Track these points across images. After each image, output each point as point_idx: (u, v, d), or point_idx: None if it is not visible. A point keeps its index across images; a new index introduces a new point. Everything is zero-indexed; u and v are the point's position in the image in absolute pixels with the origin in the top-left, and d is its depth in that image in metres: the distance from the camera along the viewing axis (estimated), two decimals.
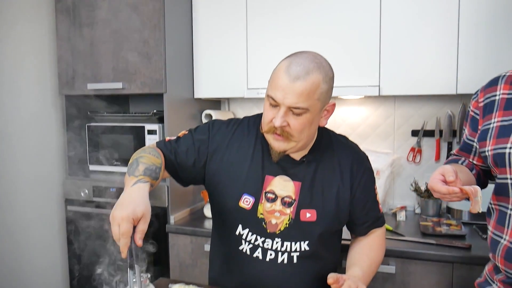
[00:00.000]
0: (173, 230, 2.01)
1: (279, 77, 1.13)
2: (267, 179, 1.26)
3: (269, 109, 1.17)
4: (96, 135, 2.28)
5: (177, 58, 2.09)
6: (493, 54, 1.79)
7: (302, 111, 1.13)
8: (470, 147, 1.30)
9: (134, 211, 0.99)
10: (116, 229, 0.97)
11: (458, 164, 1.31)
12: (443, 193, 1.05)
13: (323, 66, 1.15)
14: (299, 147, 1.23)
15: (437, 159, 2.20)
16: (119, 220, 0.97)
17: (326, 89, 1.16)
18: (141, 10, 1.99)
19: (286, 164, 1.27)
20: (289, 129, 1.16)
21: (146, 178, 1.13)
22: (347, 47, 1.97)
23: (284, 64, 1.14)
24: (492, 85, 1.23)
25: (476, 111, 1.27)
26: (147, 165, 1.17)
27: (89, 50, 2.11)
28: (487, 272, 1.25)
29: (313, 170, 1.27)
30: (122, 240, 0.97)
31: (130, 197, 1.05)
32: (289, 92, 1.11)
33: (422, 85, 1.88)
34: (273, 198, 1.25)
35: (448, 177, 1.04)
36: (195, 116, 2.31)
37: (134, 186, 1.09)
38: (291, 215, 1.24)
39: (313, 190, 1.26)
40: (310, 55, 1.16)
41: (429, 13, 1.85)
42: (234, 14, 2.14)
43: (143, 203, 1.04)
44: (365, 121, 2.32)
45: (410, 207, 2.24)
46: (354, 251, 1.35)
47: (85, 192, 2.19)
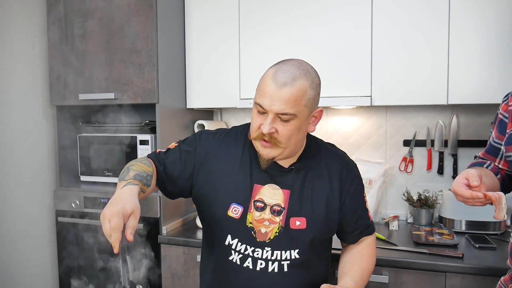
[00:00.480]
0: (165, 241, 1.99)
1: (266, 84, 1.14)
2: (255, 187, 1.26)
3: (257, 116, 1.18)
4: (88, 145, 2.26)
5: (170, 68, 2.10)
6: (483, 65, 1.81)
7: (289, 117, 1.14)
8: (497, 150, 1.28)
9: (124, 206, 1.02)
10: (107, 225, 0.99)
11: (482, 167, 1.28)
12: (466, 197, 1.03)
13: (309, 73, 1.17)
14: (287, 154, 1.23)
15: (429, 169, 2.21)
16: (109, 216, 0.99)
17: (313, 95, 1.17)
18: (133, 21, 1.99)
19: (275, 172, 1.27)
20: (277, 135, 1.17)
21: (135, 181, 1.16)
22: (339, 58, 1.99)
23: (271, 71, 1.16)
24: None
25: (506, 114, 1.25)
26: (138, 172, 1.20)
27: (81, 61, 2.10)
28: (502, 282, 1.24)
29: (302, 178, 1.28)
30: (113, 235, 0.98)
31: (119, 196, 1.08)
32: (276, 99, 1.12)
33: (413, 96, 1.90)
34: (262, 207, 1.25)
35: (472, 181, 1.03)
36: (188, 126, 2.30)
37: (124, 187, 1.12)
38: (281, 223, 1.24)
39: (302, 198, 1.26)
40: (296, 62, 1.18)
41: (420, 25, 1.88)
42: (227, 25, 2.15)
43: (132, 201, 1.06)
44: (357, 131, 2.33)
45: (403, 217, 2.25)
46: (345, 260, 1.35)
47: (76, 203, 2.17)
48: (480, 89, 1.82)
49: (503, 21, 1.78)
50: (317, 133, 2.34)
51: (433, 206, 2.08)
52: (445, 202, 2.07)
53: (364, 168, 2.24)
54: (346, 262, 1.33)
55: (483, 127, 2.13)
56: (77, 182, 2.32)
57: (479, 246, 1.74)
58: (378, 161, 2.25)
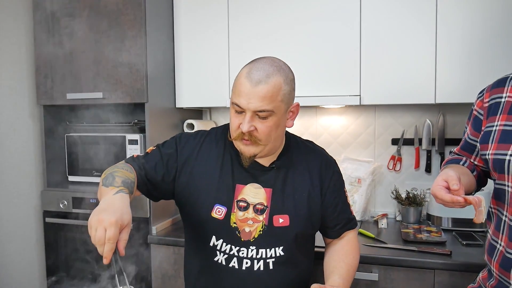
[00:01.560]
0: (155, 241, 1.98)
1: (241, 83, 1.16)
2: (238, 188, 1.27)
3: (235, 116, 1.19)
4: (76, 145, 2.24)
5: (159, 68, 2.08)
6: (469, 64, 1.84)
7: (267, 113, 1.16)
8: (472, 147, 1.29)
9: (122, 217, 0.98)
10: (101, 233, 0.93)
11: (459, 165, 1.29)
12: (446, 201, 1.03)
13: (282, 69, 1.19)
14: (268, 151, 1.25)
15: (417, 167, 2.24)
16: (106, 224, 0.94)
17: (289, 90, 1.19)
18: (122, 20, 1.98)
19: (256, 172, 1.28)
20: (257, 133, 1.18)
21: (126, 190, 1.12)
22: (329, 58, 2.00)
23: (245, 70, 1.17)
24: (499, 85, 1.20)
25: (481, 111, 1.24)
26: (124, 178, 1.16)
27: (68, 60, 2.08)
28: (480, 279, 1.26)
29: (283, 175, 1.30)
30: (108, 245, 0.93)
31: (114, 204, 1.03)
32: (252, 96, 1.13)
33: (401, 95, 1.92)
34: (245, 206, 1.26)
35: (452, 185, 1.03)
36: (177, 125, 2.29)
37: (117, 194, 1.08)
38: (264, 221, 1.25)
39: (284, 195, 1.28)
40: (268, 60, 1.19)
41: (408, 25, 1.90)
42: (216, 24, 2.15)
43: (128, 212, 1.03)
44: (346, 130, 2.35)
45: (391, 215, 2.27)
46: (330, 258, 1.36)
47: (64, 203, 2.15)
48: (466, 88, 1.84)
49: (488, 22, 1.80)
50: (306, 132, 2.38)
51: (421, 204, 2.11)
52: (432, 200, 2.09)
53: (353, 167, 2.26)
54: (331, 260, 1.34)
55: None
56: (65, 183, 2.29)
57: (466, 243, 1.76)
58: (366, 160, 2.27)
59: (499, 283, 1.14)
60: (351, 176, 2.23)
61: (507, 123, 1.13)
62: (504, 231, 1.12)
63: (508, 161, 1.08)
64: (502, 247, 1.11)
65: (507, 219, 1.11)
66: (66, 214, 2.15)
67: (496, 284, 1.15)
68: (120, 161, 1.31)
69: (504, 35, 1.79)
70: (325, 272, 1.33)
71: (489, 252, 1.20)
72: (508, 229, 1.10)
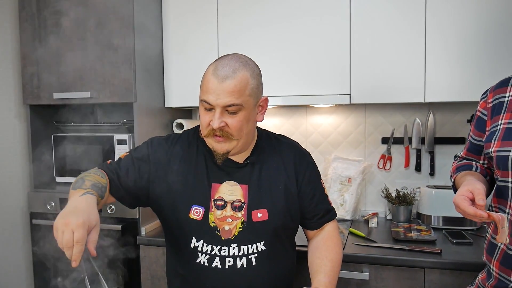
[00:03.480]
0: (145, 242, 1.96)
1: (208, 80, 1.17)
2: (213, 187, 1.27)
3: (205, 114, 1.20)
4: (63, 146, 2.20)
5: (147, 67, 2.06)
6: (459, 64, 1.84)
7: (236, 108, 1.16)
8: (478, 148, 1.29)
9: (89, 218, 0.98)
10: (69, 236, 0.93)
11: (473, 172, 1.28)
12: (468, 213, 1.02)
13: (248, 64, 1.21)
14: (240, 146, 1.25)
15: (407, 166, 2.24)
16: (73, 226, 0.94)
17: (256, 84, 1.20)
18: (109, 18, 1.95)
19: (231, 169, 1.29)
20: (228, 128, 1.19)
21: (93, 192, 1.12)
22: (319, 57, 1.99)
23: (211, 68, 1.19)
24: (503, 86, 1.22)
25: (484, 111, 1.26)
26: (94, 182, 1.16)
27: (55, 59, 2.05)
28: (479, 280, 1.26)
29: (258, 171, 1.30)
30: (77, 247, 0.93)
31: (80, 205, 1.03)
32: (220, 92, 1.15)
33: (391, 94, 1.92)
34: (223, 205, 1.26)
35: (478, 200, 1.01)
36: (166, 125, 2.27)
37: (83, 196, 1.08)
38: (243, 218, 1.25)
39: (261, 190, 1.28)
40: (234, 56, 1.21)
41: (398, 25, 1.90)
42: (205, 23, 2.13)
43: (95, 212, 1.03)
44: (336, 129, 2.34)
45: (381, 214, 2.27)
46: (313, 256, 1.35)
47: (51, 204, 2.11)
48: (455, 87, 1.85)
49: (476, 22, 1.81)
50: (296, 131, 2.37)
51: (411, 202, 2.11)
52: (422, 199, 2.10)
53: (343, 166, 2.26)
54: (314, 258, 1.34)
55: (458, 125, 2.18)
56: (52, 183, 2.26)
57: (456, 241, 1.77)
58: (357, 159, 2.27)
59: (499, 281, 1.14)
60: (341, 175, 2.23)
61: (510, 121, 1.14)
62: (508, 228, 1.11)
63: (511, 157, 1.09)
64: (504, 244, 1.11)
65: (510, 216, 1.11)
66: (53, 216, 2.10)
67: (496, 283, 1.15)
68: (92, 169, 1.30)
69: (493, 35, 1.80)
70: (310, 271, 1.33)
71: (488, 252, 1.20)
72: (511, 226, 1.10)
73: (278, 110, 2.41)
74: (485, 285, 1.20)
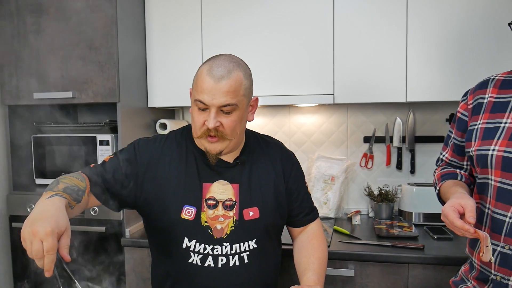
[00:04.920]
0: (129, 243, 1.94)
1: (203, 80, 1.17)
2: (205, 186, 1.27)
3: (199, 114, 1.20)
4: (43, 147, 2.16)
5: (130, 66, 2.04)
6: (439, 64, 1.89)
7: (231, 108, 1.18)
8: (462, 148, 1.31)
9: (58, 224, 0.93)
10: (38, 246, 0.89)
11: (460, 182, 1.29)
12: (456, 226, 1.02)
13: (241, 64, 1.22)
14: (232, 146, 1.27)
15: (388, 164, 2.29)
16: (42, 236, 0.89)
17: (249, 84, 1.22)
18: (92, 17, 1.92)
19: (221, 169, 1.29)
20: (223, 129, 1.20)
21: (64, 194, 1.07)
22: (303, 58, 2.01)
23: (205, 68, 1.18)
24: (482, 87, 1.26)
25: (465, 112, 1.29)
26: (68, 185, 1.12)
27: (35, 58, 2.00)
28: (462, 272, 1.30)
29: (248, 170, 1.32)
30: (48, 257, 0.89)
31: (47, 210, 0.98)
32: (216, 92, 1.15)
33: (374, 94, 1.96)
34: (214, 204, 1.26)
35: (469, 217, 1.02)
36: (150, 125, 2.25)
37: (49, 199, 1.03)
38: (235, 216, 1.27)
39: (252, 189, 1.30)
40: (227, 56, 1.22)
41: (380, 26, 1.94)
42: (189, 22, 2.12)
43: (64, 216, 0.98)
44: (319, 129, 2.37)
45: (364, 211, 2.31)
46: (300, 254, 1.37)
47: (31, 207, 2.07)
48: (436, 87, 1.90)
49: (455, 26, 1.87)
50: (280, 131, 2.39)
51: (393, 200, 2.16)
52: (404, 196, 2.15)
53: (326, 165, 2.29)
54: (301, 257, 1.36)
55: (438, 123, 2.24)
56: (32, 186, 2.21)
57: (438, 237, 1.82)
58: (340, 158, 2.30)
59: (480, 273, 1.18)
60: (324, 174, 2.26)
61: (489, 121, 1.19)
62: (487, 223, 1.16)
63: (490, 155, 1.13)
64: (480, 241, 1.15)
65: (490, 211, 1.15)
66: None
67: (478, 275, 1.20)
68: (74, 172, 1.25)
69: (472, 36, 1.86)
70: (298, 270, 1.35)
71: (471, 245, 1.24)
72: (490, 220, 1.15)
73: (262, 110, 2.42)
74: (468, 277, 1.24)
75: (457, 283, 1.29)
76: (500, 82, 1.23)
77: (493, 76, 1.26)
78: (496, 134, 1.15)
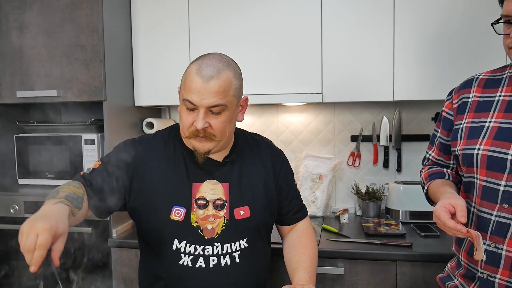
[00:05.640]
0: (116, 244, 1.91)
1: (192, 80, 1.14)
2: (194, 186, 1.26)
3: (187, 114, 1.18)
4: (26, 146, 2.11)
5: (117, 65, 2.01)
6: (426, 63, 1.91)
7: (221, 108, 1.16)
8: (448, 148, 1.31)
9: (57, 225, 0.92)
10: (32, 239, 0.88)
11: (449, 181, 1.30)
12: (448, 226, 1.03)
13: (231, 64, 1.20)
14: (221, 145, 1.26)
15: (375, 163, 2.31)
16: (39, 230, 0.88)
17: (239, 84, 1.21)
18: (77, 14, 1.88)
19: (211, 168, 1.28)
20: (211, 130, 1.18)
21: (67, 202, 1.06)
22: (291, 56, 2.01)
23: (194, 67, 1.16)
24: (466, 87, 1.27)
25: (450, 112, 1.30)
26: (68, 193, 1.11)
27: (18, 56, 1.96)
28: (449, 268, 1.31)
29: (237, 169, 1.31)
30: (38, 252, 0.87)
31: (50, 212, 0.98)
32: (205, 93, 1.13)
33: (362, 92, 1.97)
34: (205, 204, 1.25)
35: (460, 217, 1.03)
36: (136, 124, 2.22)
37: (55, 205, 1.02)
38: (226, 216, 1.26)
39: (242, 187, 1.29)
40: (216, 55, 1.20)
41: (367, 26, 1.95)
42: (176, 20, 2.10)
43: (65, 221, 0.97)
44: (307, 128, 2.38)
45: (351, 210, 2.33)
46: (290, 253, 1.37)
47: (15, 208, 2.02)
48: (423, 86, 1.92)
49: (443, 23, 1.89)
50: (267, 130, 2.38)
51: (380, 198, 2.18)
52: (391, 194, 2.17)
53: (314, 163, 2.30)
54: (292, 255, 1.36)
55: (424, 122, 2.26)
56: (15, 186, 2.16)
57: (425, 234, 1.84)
58: (327, 157, 2.31)
59: (467, 271, 1.20)
60: (312, 172, 2.27)
61: (473, 120, 1.19)
62: (472, 221, 1.17)
63: (476, 155, 1.14)
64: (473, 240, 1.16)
65: (475, 210, 1.16)
66: (18, 220, 2.02)
67: (465, 273, 1.21)
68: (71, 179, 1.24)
69: (459, 36, 1.88)
70: (289, 268, 1.35)
71: (457, 243, 1.26)
72: (476, 219, 1.16)
73: (249, 109, 2.41)
74: (455, 274, 1.26)
75: (444, 279, 1.30)
76: (484, 81, 1.24)
77: (477, 75, 1.27)
78: (481, 133, 1.16)
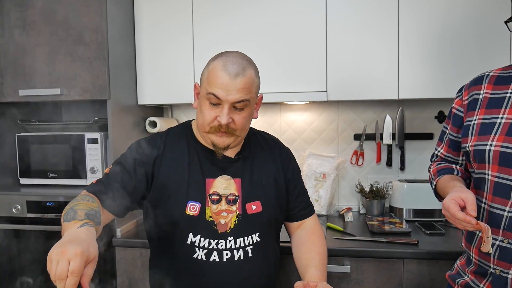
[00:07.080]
0: (120, 243, 1.90)
1: (219, 76, 1.17)
2: (208, 182, 1.28)
3: (210, 109, 1.21)
4: (28, 145, 2.10)
5: (120, 63, 1.99)
6: (431, 61, 1.92)
7: (244, 104, 1.19)
8: (458, 144, 1.33)
9: (89, 249, 0.89)
10: (64, 266, 0.83)
11: (458, 177, 1.30)
12: (458, 218, 1.04)
13: (251, 63, 1.24)
14: (239, 141, 1.29)
15: (378, 161, 2.31)
16: (70, 255, 0.84)
17: (258, 82, 1.26)
18: (81, 12, 1.87)
19: (224, 164, 1.31)
20: (234, 125, 1.21)
21: (91, 222, 1.03)
22: (295, 54, 2.00)
23: (219, 63, 1.19)
24: (477, 83, 1.28)
25: (461, 108, 1.31)
26: (87, 210, 1.07)
27: (20, 54, 1.94)
28: (459, 266, 1.31)
29: (249, 165, 1.34)
30: (71, 279, 0.83)
31: (79, 236, 0.94)
32: (231, 89, 1.16)
33: (367, 91, 1.97)
34: (218, 199, 1.27)
35: (470, 210, 1.04)
36: (139, 123, 2.21)
37: (82, 227, 0.99)
38: (238, 211, 1.28)
39: (254, 183, 1.32)
40: (239, 54, 1.24)
41: (372, 24, 1.95)
42: (180, 19, 2.09)
43: (95, 245, 0.94)
44: (310, 126, 2.38)
45: (355, 208, 2.33)
46: (300, 251, 1.38)
47: (17, 208, 2.00)
48: (427, 84, 1.92)
49: (448, 22, 1.89)
50: (270, 128, 2.38)
51: (384, 196, 2.18)
52: (394, 193, 2.17)
53: (317, 162, 2.29)
54: (301, 253, 1.37)
55: (427, 121, 2.27)
56: (17, 186, 2.15)
57: (430, 232, 1.84)
58: (330, 155, 2.31)
59: (479, 267, 1.20)
60: (316, 171, 2.27)
61: (485, 117, 1.20)
62: (483, 217, 1.17)
63: (488, 151, 1.15)
64: (481, 232, 1.17)
65: (486, 206, 1.17)
66: (19, 219, 2.01)
67: (476, 269, 1.21)
68: (81, 193, 1.20)
69: (463, 34, 1.88)
70: (299, 266, 1.35)
71: (467, 239, 1.26)
72: (488, 215, 1.16)
73: None
74: (465, 271, 1.26)
75: (454, 277, 1.30)
76: (495, 78, 1.25)
77: (487, 73, 1.28)
78: (493, 129, 1.17)
